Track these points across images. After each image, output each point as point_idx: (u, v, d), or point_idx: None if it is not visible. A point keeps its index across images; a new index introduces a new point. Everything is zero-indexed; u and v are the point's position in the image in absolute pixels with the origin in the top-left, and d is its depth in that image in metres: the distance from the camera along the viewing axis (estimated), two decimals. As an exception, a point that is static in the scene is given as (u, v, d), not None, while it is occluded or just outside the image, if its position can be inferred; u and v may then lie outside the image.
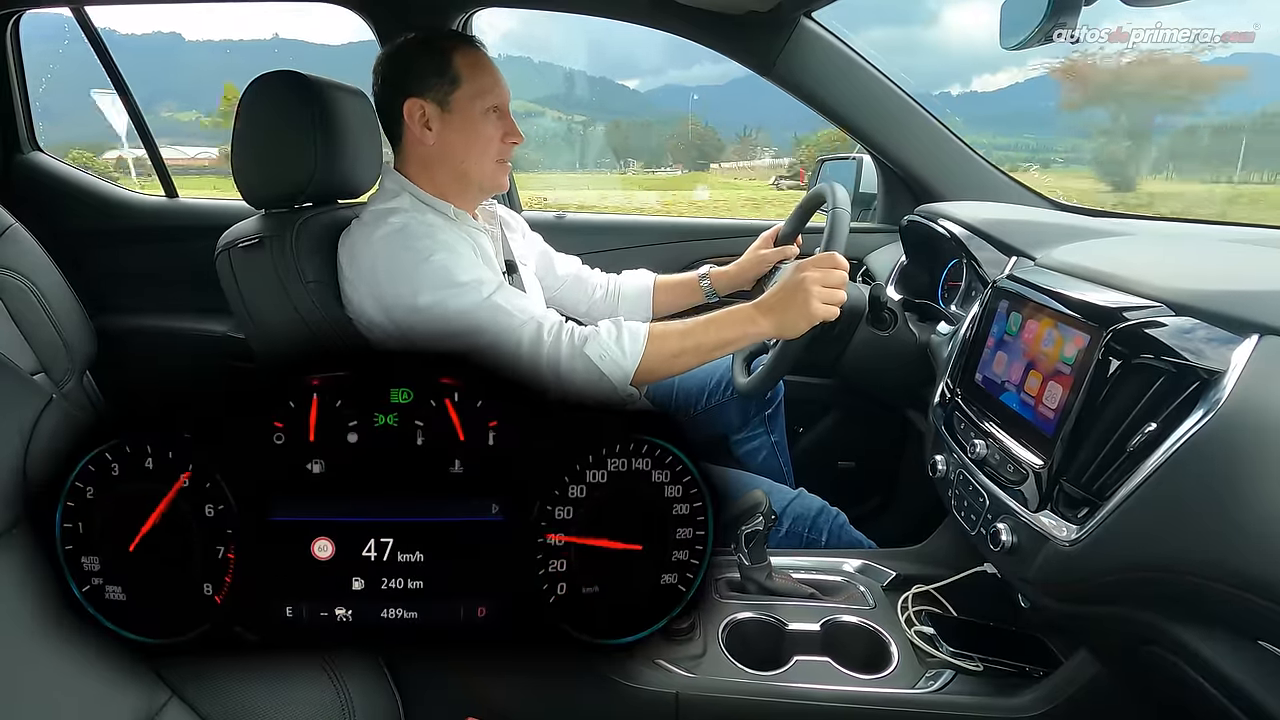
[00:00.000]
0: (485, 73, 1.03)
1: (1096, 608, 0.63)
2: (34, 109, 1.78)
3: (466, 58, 1.02)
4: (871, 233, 1.53)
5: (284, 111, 1.02)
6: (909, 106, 1.40)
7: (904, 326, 1.09)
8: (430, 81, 1.01)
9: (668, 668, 0.79)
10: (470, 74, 1.01)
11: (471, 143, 1.03)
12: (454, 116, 1.02)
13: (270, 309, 1.03)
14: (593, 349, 0.93)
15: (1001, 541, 0.68)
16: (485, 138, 1.03)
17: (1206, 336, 0.58)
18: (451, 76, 1.01)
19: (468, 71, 1.01)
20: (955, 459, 0.82)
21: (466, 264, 0.96)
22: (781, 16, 1.30)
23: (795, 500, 1.11)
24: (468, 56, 1.02)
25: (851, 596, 0.93)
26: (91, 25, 1.66)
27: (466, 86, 1.01)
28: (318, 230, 1.04)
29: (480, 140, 1.03)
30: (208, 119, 6.04)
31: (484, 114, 1.03)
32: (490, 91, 1.03)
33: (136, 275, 1.74)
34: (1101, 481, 0.60)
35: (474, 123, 1.03)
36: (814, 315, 0.93)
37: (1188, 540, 0.53)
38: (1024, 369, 0.73)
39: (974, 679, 0.78)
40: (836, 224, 1.00)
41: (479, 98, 1.02)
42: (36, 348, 1.33)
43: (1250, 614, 0.50)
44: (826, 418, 1.57)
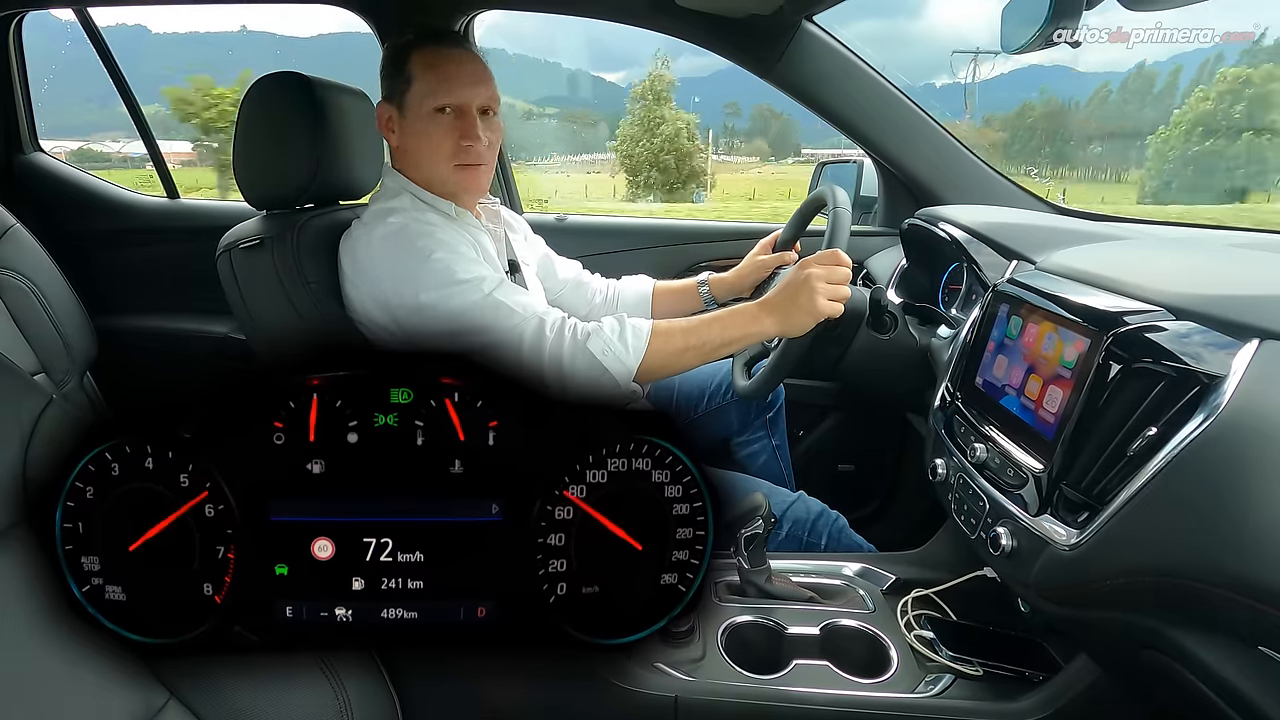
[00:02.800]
0: (437, 71, 0.99)
1: (1096, 612, 0.63)
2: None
3: (423, 57, 0.99)
4: (872, 236, 1.53)
5: (285, 113, 1.03)
6: (909, 110, 1.40)
7: (904, 330, 1.09)
8: (394, 84, 1.00)
9: (667, 671, 0.79)
10: (422, 73, 0.99)
11: (422, 145, 1.01)
12: (407, 119, 1.01)
13: (271, 310, 1.03)
14: (596, 345, 0.92)
15: (1001, 546, 0.68)
16: (434, 139, 1.00)
17: (1207, 341, 0.57)
18: (406, 77, 0.99)
19: (419, 71, 0.99)
20: (955, 463, 0.82)
21: (467, 262, 0.95)
22: (783, 20, 1.30)
23: (795, 503, 1.11)
24: (425, 56, 0.99)
25: (851, 600, 0.93)
26: (94, 25, 1.67)
27: (417, 86, 0.99)
28: (319, 231, 1.04)
29: (430, 142, 1.00)
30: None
31: (431, 115, 0.99)
32: (439, 91, 0.98)
33: (137, 276, 1.75)
34: (1102, 486, 0.60)
35: (423, 124, 1.00)
36: (819, 312, 0.93)
37: (1188, 545, 0.53)
38: (1024, 373, 0.73)
39: (973, 683, 0.78)
40: (838, 223, 1.01)
41: (427, 97, 0.98)
42: (37, 348, 1.33)
43: (1251, 619, 0.49)
44: (827, 421, 1.57)
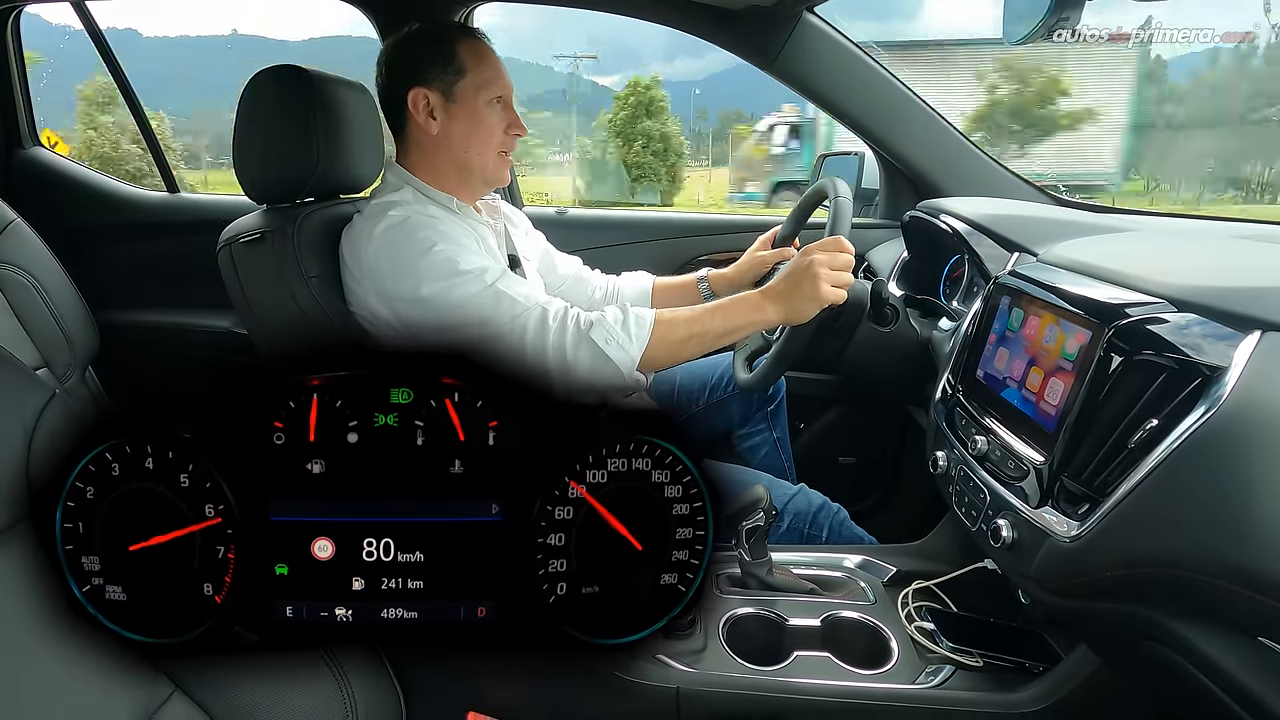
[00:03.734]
0: (489, 64, 1.03)
1: (1096, 603, 0.63)
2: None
3: (472, 48, 1.02)
4: (873, 228, 1.52)
5: (285, 106, 1.02)
6: (911, 101, 1.39)
7: (905, 322, 1.09)
8: (435, 71, 1.01)
9: (668, 663, 0.79)
10: (475, 64, 1.02)
11: (474, 133, 1.04)
12: (458, 107, 1.02)
13: (272, 304, 1.03)
14: (599, 334, 0.92)
15: (1002, 537, 0.68)
16: (488, 128, 1.04)
17: (1208, 332, 0.57)
18: (457, 66, 1.01)
19: (472, 62, 1.02)
20: (956, 455, 0.82)
21: (469, 254, 0.95)
22: (784, 11, 1.29)
23: (796, 496, 1.11)
24: (473, 47, 1.02)
25: (852, 592, 0.93)
26: (92, 20, 1.66)
27: (471, 76, 1.01)
28: (320, 225, 1.04)
29: (483, 131, 1.04)
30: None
31: (488, 105, 1.03)
32: (494, 83, 1.03)
33: (138, 270, 1.74)
34: (1102, 478, 0.60)
35: (478, 113, 1.03)
36: (822, 298, 0.93)
37: (1188, 536, 0.53)
38: (1025, 365, 0.73)
39: (974, 674, 0.79)
40: (840, 211, 1.01)
41: (484, 88, 1.02)
42: (39, 343, 1.33)
43: (1251, 610, 0.50)
44: (828, 413, 1.57)
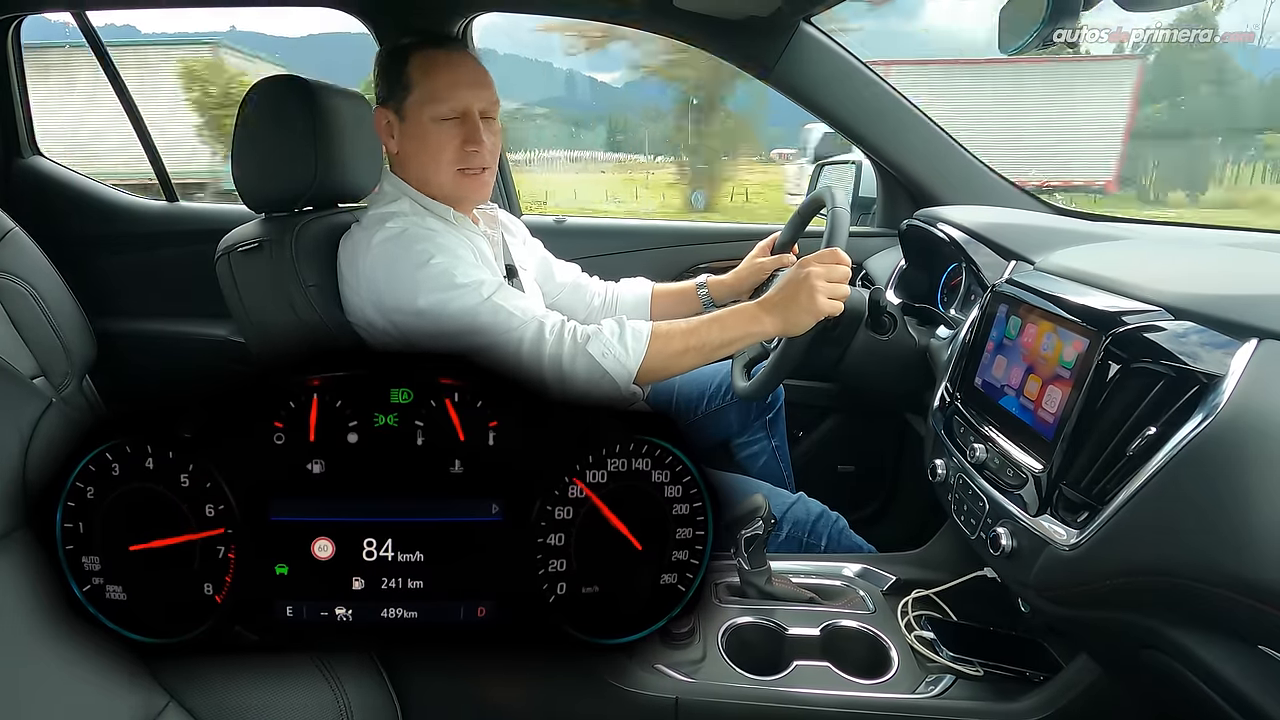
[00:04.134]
0: (436, 78, 0.98)
1: (1096, 612, 0.63)
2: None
3: (422, 62, 0.98)
4: (871, 237, 1.53)
5: (283, 116, 1.03)
6: (907, 110, 1.40)
7: (903, 331, 1.09)
8: (392, 89, 0.99)
9: (667, 673, 0.78)
10: (420, 79, 0.98)
11: (421, 152, 1.00)
12: (406, 125, 1.00)
13: (270, 313, 1.03)
14: (595, 347, 0.92)
15: (1001, 546, 0.68)
16: (435, 146, 0.99)
17: (1205, 340, 0.58)
18: (405, 83, 0.98)
19: (418, 77, 0.98)
20: (955, 463, 0.82)
21: (466, 266, 0.95)
22: (781, 21, 1.30)
23: (795, 505, 1.10)
24: (424, 60, 0.98)
25: (851, 601, 0.93)
26: (92, 28, 1.67)
27: (416, 93, 0.98)
28: (317, 234, 1.04)
29: (430, 148, 0.99)
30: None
31: (434, 122, 0.98)
32: (439, 98, 0.97)
33: (136, 279, 1.74)
34: (1101, 486, 0.60)
35: (423, 131, 0.99)
36: (819, 310, 0.93)
37: (1187, 544, 0.53)
38: (1023, 373, 0.73)
39: (974, 684, 0.78)
40: (837, 222, 1.01)
41: (426, 105, 0.98)
42: (36, 352, 1.33)
43: (1250, 618, 0.49)
44: (826, 422, 1.57)
